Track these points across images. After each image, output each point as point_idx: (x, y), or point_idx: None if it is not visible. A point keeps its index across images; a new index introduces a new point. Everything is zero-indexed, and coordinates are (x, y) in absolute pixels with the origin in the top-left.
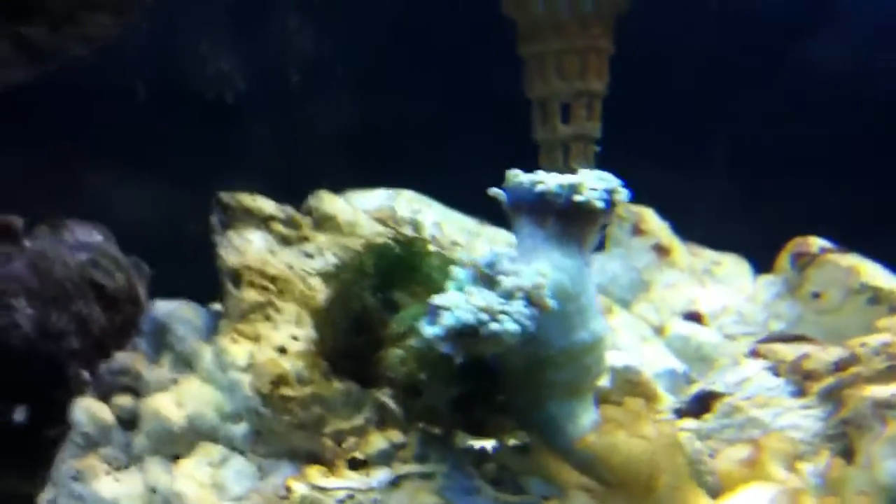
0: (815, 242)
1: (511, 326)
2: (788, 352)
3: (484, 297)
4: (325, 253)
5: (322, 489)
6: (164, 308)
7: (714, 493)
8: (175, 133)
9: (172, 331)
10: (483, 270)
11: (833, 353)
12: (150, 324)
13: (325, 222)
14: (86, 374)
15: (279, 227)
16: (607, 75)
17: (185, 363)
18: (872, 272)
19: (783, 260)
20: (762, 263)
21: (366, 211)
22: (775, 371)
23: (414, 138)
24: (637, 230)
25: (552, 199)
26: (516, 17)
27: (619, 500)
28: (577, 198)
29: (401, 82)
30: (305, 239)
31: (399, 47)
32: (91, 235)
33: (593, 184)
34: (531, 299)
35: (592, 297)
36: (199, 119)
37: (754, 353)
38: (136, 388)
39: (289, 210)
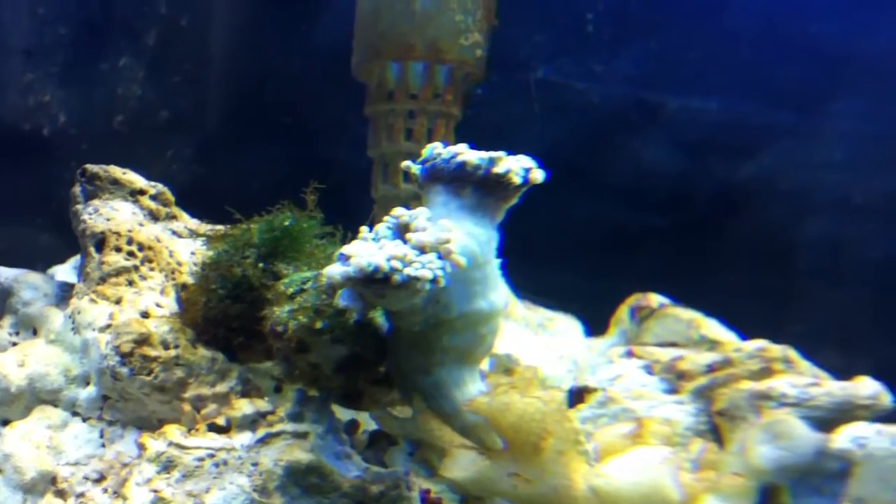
0: (655, 298)
1: (425, 273)
2: (663, 353)
3: (398, 247)
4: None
5: (181, 446)
6: (7, 273)
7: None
8: None
9: (18, 294)
10: (404, 221)
11: (707, 357)
12: None
13: None
14: None
15: (148, 202)
16: (453, 140)
17: (29, 327)
18: (711, 325)
19: (622, 313)
20: None
21: None
22: (649, 370)
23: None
24: None
25: (472, 169)
26: (368, 81)
27: (506, 461)
28: (497, 169)
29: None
30: (174, 217)
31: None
32: None
33: (511, 161)
34: (443, 254)
35: (496, 269)
36: None
37: (630, 354)
38: None
39: (159, 186)
